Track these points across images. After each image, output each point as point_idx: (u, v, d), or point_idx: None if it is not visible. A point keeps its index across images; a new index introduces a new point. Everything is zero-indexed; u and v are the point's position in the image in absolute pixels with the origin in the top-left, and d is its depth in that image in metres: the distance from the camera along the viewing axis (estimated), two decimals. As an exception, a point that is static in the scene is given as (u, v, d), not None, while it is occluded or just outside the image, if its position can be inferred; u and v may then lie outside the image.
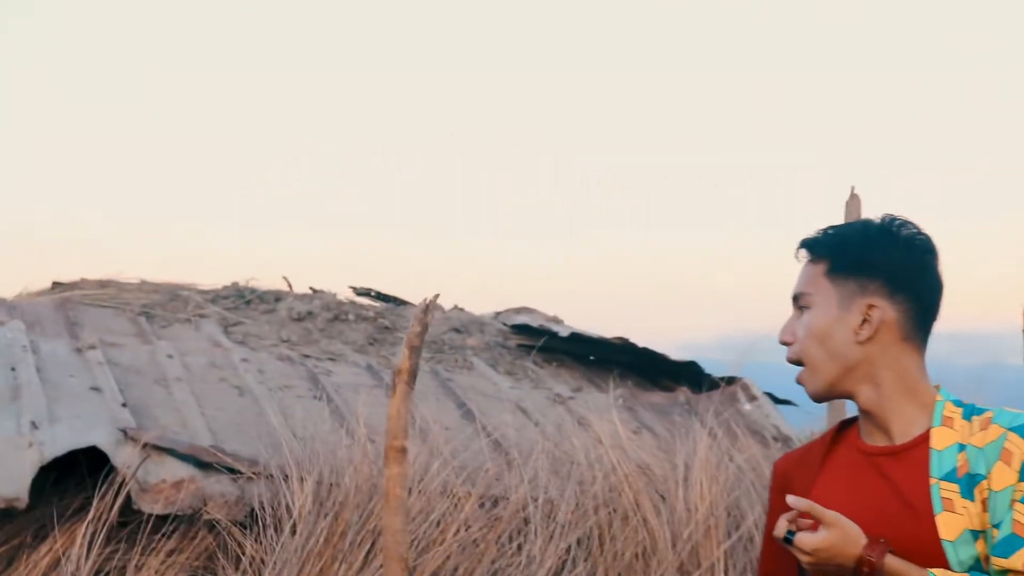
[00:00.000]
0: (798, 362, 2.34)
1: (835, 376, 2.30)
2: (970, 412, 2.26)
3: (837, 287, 2.30)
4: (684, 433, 6.18)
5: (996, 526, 2.11)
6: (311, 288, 9.04)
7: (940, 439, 2.23)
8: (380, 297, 9.44)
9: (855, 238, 2.34)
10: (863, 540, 2.13)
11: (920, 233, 2.33)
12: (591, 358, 8.48)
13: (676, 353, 8.52)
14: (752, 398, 7.71)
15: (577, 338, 8.31)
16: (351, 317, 8.18)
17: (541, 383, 7.64)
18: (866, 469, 2.30)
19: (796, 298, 2.36)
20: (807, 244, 2.38)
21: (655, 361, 8.34)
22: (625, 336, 8.27)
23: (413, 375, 4.28)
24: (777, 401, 7.98)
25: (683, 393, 7.81)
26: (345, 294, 9.17)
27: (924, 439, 2.25)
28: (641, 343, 8.37)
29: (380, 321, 8.19)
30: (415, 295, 9.16)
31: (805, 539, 2.14)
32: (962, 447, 2.20)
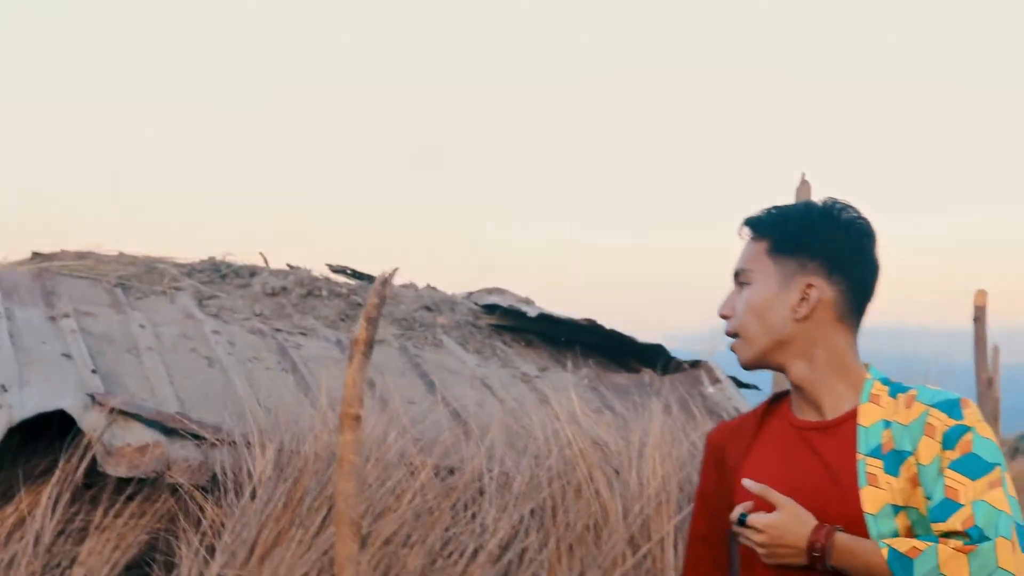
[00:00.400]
0: (735, 335, 2.40)
1: (767, 348, 2.35)
2: (896, 390, 2.32)
3: (778, 265, 2.35)
4: (643, 412, 6.31)
5: (929, 497, 2.18)
6: (288, 264, 9.13)
7: (867, 416, 2.29)
8: (355, 275, 9.53)
9: (797, 218, 2.39)
10: (813, 522, 2.19)
11: (860, 217, 2.39)
12: (562, 339, 8.61)
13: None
14: (716, 381, 7.85)
15: (546, 319, 8.43)
16: (324, 293, 8.29)
17: (509, 362, 7.78)
18: (797, 442, 2.36)
19: (737, 274, 2.41)
20: (750, 222, 2.43)
21: (622, 343, 8.46)
22: (593, 318, 8.41)
23: (369, 345, 4.43)
24: (741, 385, 8.12)
25: (647, 374, 7.94)
26: (321, 271, 9.25)
27: (852, 416, 2.31)
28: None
29: (353, 298, 8.31)
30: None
31: (758, 517, 2.21)
32: (887, 424, 2.26)
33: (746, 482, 2.26)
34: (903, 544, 2.14)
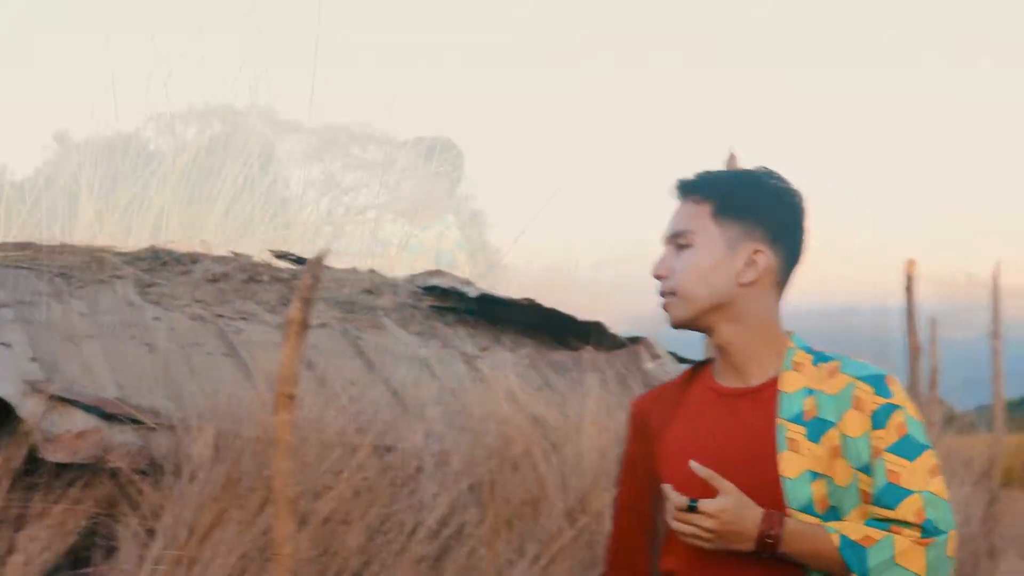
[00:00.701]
0: (671, 293, 2.43)
1: (705, 309, 2.40)
2: (819, 359, 2.40)
3: (722, 228, 2.40)
4: (581, 387, 6.40)
5: (861, 469, 2.26)
6: (232, 252, 9.12)
7: (789, 383, 2.37)
8: (298, 260, 9.53)
9: (742, 184, 2.45)
10: (759, 509, 2.24)
11: (792, 186, 2.46)
12: (503, 319, 8.66)
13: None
14: (655, 356, 7.96)
15: (486, 299, 8.48)
16: (266, 278, 8.30)
17: (449, 342, 7.83)
18: (718, 408, 2.43)
19: (675, 235, 2.44)
20: (692, 185, 2.46)
21: (562, 321, 8.53)
22: (532, 297, 8.46)
23: (304, 325, 4.50)
24: (680, 360, 8.22)
25: (587, 351, 8.02)
26: (264, 257, 9.24)
27: (774, 382, 2.39)
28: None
29: (294, 282, 8.31)
30: (337, 260, 9.28)
31: (709, 503, 2.23)
32: (810, 392, 2.34)
33: (693, 465, 2.29)
34: (855, 532, 2.21)
